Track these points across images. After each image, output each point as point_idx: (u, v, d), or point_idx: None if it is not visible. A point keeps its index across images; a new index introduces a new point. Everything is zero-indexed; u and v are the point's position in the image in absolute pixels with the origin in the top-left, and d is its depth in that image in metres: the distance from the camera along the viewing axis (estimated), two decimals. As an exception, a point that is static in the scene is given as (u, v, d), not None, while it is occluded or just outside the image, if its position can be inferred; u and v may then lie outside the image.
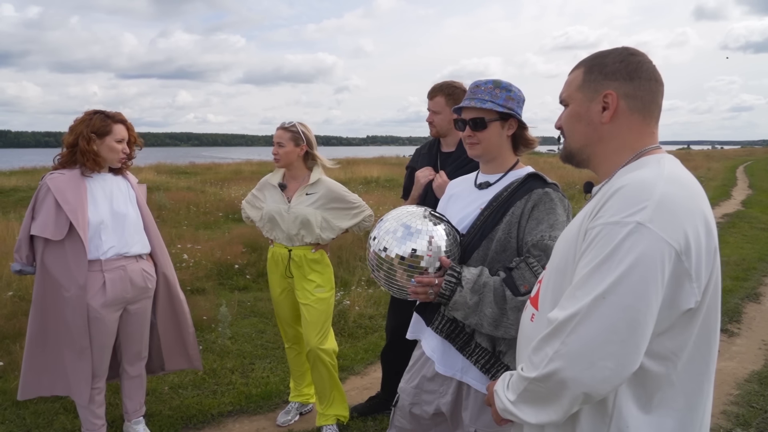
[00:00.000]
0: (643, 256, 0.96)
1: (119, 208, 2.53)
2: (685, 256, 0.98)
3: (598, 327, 0.97)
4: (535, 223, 1.68)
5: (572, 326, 0.99)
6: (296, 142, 2.72)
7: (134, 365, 2.74)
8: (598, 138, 1.20)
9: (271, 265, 2.90)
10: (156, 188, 12.34)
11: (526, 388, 1.08)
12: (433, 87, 2.58)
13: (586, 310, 0.98)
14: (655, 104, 1.18)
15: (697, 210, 1.02)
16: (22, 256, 2.42)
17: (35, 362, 2.53)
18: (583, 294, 1.00)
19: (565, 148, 1.29)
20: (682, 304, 1.00)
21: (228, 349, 4.00)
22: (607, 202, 1.04)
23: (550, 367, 1.01)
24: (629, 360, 0.97)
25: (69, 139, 2.48)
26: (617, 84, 1.16)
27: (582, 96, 1.21)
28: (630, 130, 1.17)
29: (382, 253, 1.70)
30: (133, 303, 2.60)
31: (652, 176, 1.05)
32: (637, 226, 0.97)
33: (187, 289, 5.18)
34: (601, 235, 1.01)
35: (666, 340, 1.03)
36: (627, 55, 1.18)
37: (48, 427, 2.91)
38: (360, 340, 4.29)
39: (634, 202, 1.00)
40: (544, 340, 1.05)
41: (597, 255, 1.00)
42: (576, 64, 1.26)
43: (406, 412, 1.97)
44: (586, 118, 1.20)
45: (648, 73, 1.17)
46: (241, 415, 3.18)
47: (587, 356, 0.97)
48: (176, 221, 8.88)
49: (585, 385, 0.98)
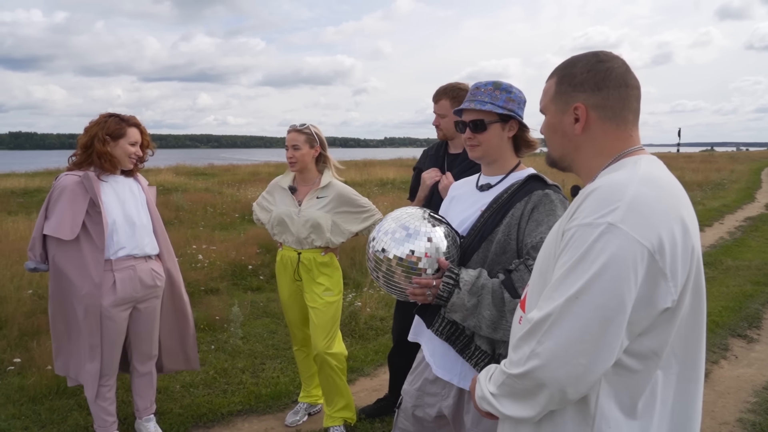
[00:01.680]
0: (615, 257, 0.97)
1: (130, 209, 2.59)
2: (659, 255, 0.98)
3: (571, 326, 0.99)
4: (534, 225, 1.67)
5: (547, 326, 1.02)
6: (311, 143, 2.73)
7: (144, 364, 2.79)
8: (574, 148, 1.22)
9: (280, 268, 2.92)
10: (174, 189, 12.54)
11: (505, 382, 1.11)
12: (437, 90, 2.58)
13: (560, 310, 1.00)
14: (629, 110, 1.17)
15: (671, 210, 1.03)
16: (36, 254, 2.49)
17: (62, 347, 2.63)
18: (558, 294, 1.02)
19: (549, 156, 1.31)
20: (659, 303, 1.00)
21: (239, 349, 4.05)
22: (582, 203, 1.06)
23: (527, 365, 1.04)
24: (603, 358, 0.99)
25: (83, 140, 2.54)
26: (586, 95, 1.17)
27: (555, 108, 1.23)
28: (605, 138, 1.17)
29: (380, 254, 1.71)
30: (142, 302, 2.65)
31: (625, 177, 1.06)
32: (609, 226, 0.98)
33: (201, 289, 5.28)
34: (576, 236, 1.02)
35: (646, 340, 1.03)
36: (595, 63, 1.17)
37: (62, 423, 2.97)
38: (370, 341, 4.30)
39: (607, 203, 1.01)
40: (522, 339, 1.07)
41: (572, 256, 1.02)
42: (551, 72, 1.27)
43: (409, 414, 1.97)
44: (561, 130, 1.22)
45: (617, 80, 1.16)
46: (250, 414, 3.21)
47: (561, 355, 1.00)
48: (193, 222, 9.01)
49: (560, 382, 1.00)
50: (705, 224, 10.03)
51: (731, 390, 3.56)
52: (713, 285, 6.03)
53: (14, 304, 4.35)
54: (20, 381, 3.35)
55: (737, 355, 4.14)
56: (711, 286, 6.00)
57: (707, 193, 14.92)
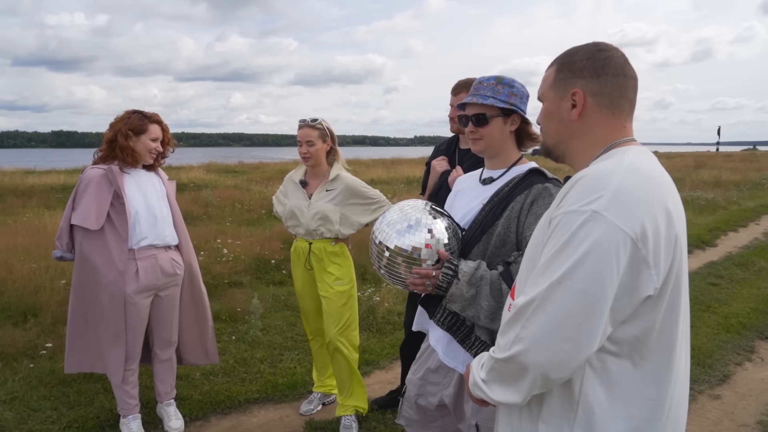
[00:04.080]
0: (598, 243, 0.99)
1: (152, 201, 2.70)
2: (642, 243, 1.00)
3: (554, 312, 1.01)
4: (533, 218, 1.69)
5: (531, 311, 1.04)
6: (323, 138, 2.79)
7: (165, 350, 2.91)
8: (569, 135, 1.24)
9: (294, 258, 3.00)
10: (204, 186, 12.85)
11: (493, 367, 1.14)
12: (457, 83, 2.62)
13: (543, 295, 1.02)
14: (625, 99, 1.19)
15: (655, 199, 1.04)
16: (63, 243, 2.62)
17: (77, 341, 2.74)
18: (542, 280, 1.04)
19: (543, 144, 1.33)
20: (641, 291, 1.02)
21: (259, 340, 4.15)
22: (569, 192, 1.07)
23: (512, 350, 1.06)
24: (585, 344, 1.00)
25: (108, 135, 2.67)
26: (584, 82, 1.19)
27: (553, 94, 1.25)
28: (599, 126, 1.20)
29: (383, 244, 1.75)
30: (163, 289, 2.77)
31: (611, 166, 1.07)
32: (593, 214, 1.00)
33: (225, 282, 5.42)
34: (561, 223, 1.04)
35: (630, 327, 1.05)
36: (595, 51, 1.20)
37: (89, 405, 3.12)
38: (387, 335, 4.35)
39: (591, 192, 1.03)
40: (508, 324, 1.09)
41: (556, 243, 1.04)
42: (551, 62, 1.29)
43: (413, 402, 2.01)
44: (558, 116, 1.24)
45: (615, 69, 1.19)
46: (266, 402, 3.31)
47: (544, 340, 1.01)
48: (221, 218, 9.22)
49: (543, 367, 1.02)
50: (739, 224, 9.72)
51: (754, 392, 3.48)
52: (743, 286, 5.87)
53: (48, 293, 4.57)
54: (51, 365, 3.52)
55: (763, 357, 4.04)
56: (741, 287, 5.84)
57: (744, 192, 14.43)
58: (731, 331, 4.50)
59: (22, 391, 3.26)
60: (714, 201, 12.00)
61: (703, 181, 16.11)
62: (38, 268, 5.21)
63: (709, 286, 5.83)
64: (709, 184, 15.58)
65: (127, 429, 2.81)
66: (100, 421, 2.96)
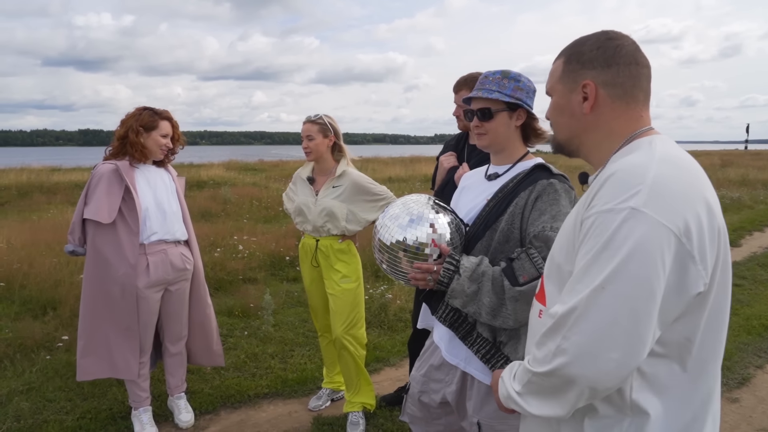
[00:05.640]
0: (641, 243, 0.92)
1: (161, 197, 2.74)
2: (686, 238, 0.94)
3: (599, 319, 0.94)
4: (537, 214, 1.66)
5: (573, 320, 0.97)
6: (324, 133, 2.80)
7: (175, 344, 2.95)
8: (582, 129, 1.18)
9: (302, 255, 3.01)
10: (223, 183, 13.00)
11: (530, 380, 1.07)
12: (458, 81, 2.59)
13: (585, 303, 0.95)
14: (638, 88, 1.13)
15: (694, 190, 0.98)
16: (75, 238, 2.67)
17: (89, 344, 2.75)
18: (582, 286, 0.97)
19: (554, 139, 1.27)
20: (691, 288, 0.96)
21: (271, 336, 4.18)
22: (600, 190, 1.01)
23: (554, 363, 0.99)
24: (635, 351, 0.94)
25: (120, 132, 2.71)
26: (595, 73, 1.13)
27: (562, 87, 1.19)
28: (615, 118, 1.14)
29: (384, 238, 1.74)
30: (173, 284, 2.81)
31: (643, 159, 1.01)
32: (632, 211, 0.94)
33: (239, 278, 5.47)
34: (596, 224, 0.98)
35: (679, 327, 0.99)
36: (604, 40, 1.14)
37: (102, 397, 3.18)
38: (399, 333, 4.34)
39: (627, 187, 0.96)
40: (546, 335, 1.03)
41: (593, 245, 0.97)
42: (558, 54, 1.23)
43: (416, 399, 2.00)
44: (568, 110, 1.19)
45: (627, 58, 1.13)
46: (276, 397, 3.33)
47: (590, 350, 0.95)
48: (239, 215, 9.33)
49: (590, 379, 0.96)
50: (765, 224, 9.46)
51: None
52: (767, 287, 5.71)
53: (67, 287, 4.67)
54: (68, 357, 3.60)
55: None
56: (765, 288, 5.69)
57: (772, 192, 14.04)
58: (752, 333, 4.38)
59: (38, 382, 3.34)
60: (740, 200, 11.70)
61: (729, 179, 15.73)
62: (59, 263, 5.34)
63: (732, 287, 5.67)
64: (736, 182, 15.20)
65: (138, 421, 2.85)
66: (113, 413, 3.02)
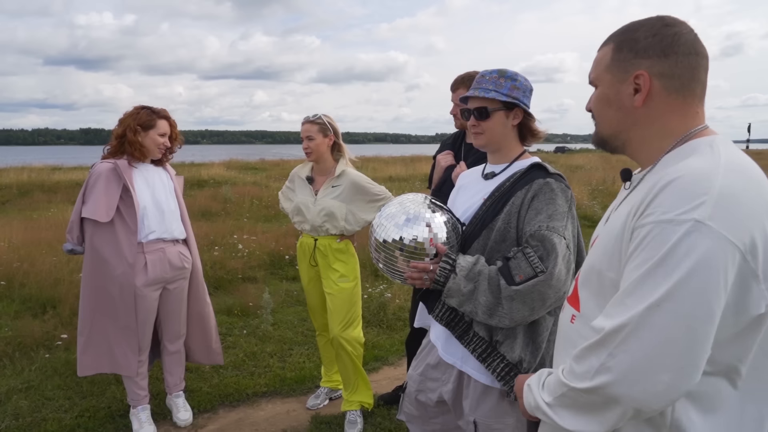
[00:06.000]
0: (705, 259, 0.85)
1: (159, 196, 2.74)
2: (751, 255, 0.88)
3: (652, 338, 0.88)
4: (534, 214, 1.66)
5: (622, 337, 0.91)
6: (324, 133, 2.80)
7: (174, 342, 2.95)
8: (632, 123, 1.08)
9: (300, 254, 3.01)
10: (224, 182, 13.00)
11: (565, 394, 1.01)
12: (455, 80, 2.60)
13: (638, 320, 0.89)
14: (697, 81, 1.04)
15: (762, 203, 0.91)
16: (73, 236, 2.67)
17: (89, 341, 2.76)
18: (634, 302, 0.90)
19: (597, 134, 1.17)
20: (751, 309, 0.90)
21: (270, 335, 4.19)
22: (658, 196, 0.93)
23: (597, 380, 0.93)
24: (687, 373, 0.88)
25: (118, 130, 2.71)
26: (650, 62, 1.03)
27: (611, 77, 1.09)
28: (670, 113, 1.04)
29: (381, 237, 1.75)
30: (171, 282, 2.81)
31: (708, 165, 0.93)
32: (696, 224, 0.86)
33: (238, 277, 5.47)
34: (653, 235, 0.90)
35: (732, 347, 0.93)
36: (661, 27, 1.04)
37: (101, 396, 3.19)
38: (397, 332, 4.34)
39: (691, 197, 0.89)
40: (590, 349, 0.96)
41: (649, 258, 0.90)
42: (605, 39, 1.12)
43: (413, 398, 2.00)
44: (617, 102, 1.09)
45: (687, 47, 1.03)
46: (274, 396, 3.33)
47: (639, 370, 0.89)
48: (239, 214, 9.33)
49: (636, 400, 0.90)
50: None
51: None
52: None
53: (67, 285, 4.68)
54: (67, 356, 3.60)
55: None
56: None
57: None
58: None
59: (37, 380, 3.35)
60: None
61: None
62: (59, 262, 5.35)
63: None
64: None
65: (136, 419, 2.85)
66: (111, 411, 3.02)
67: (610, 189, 12.82)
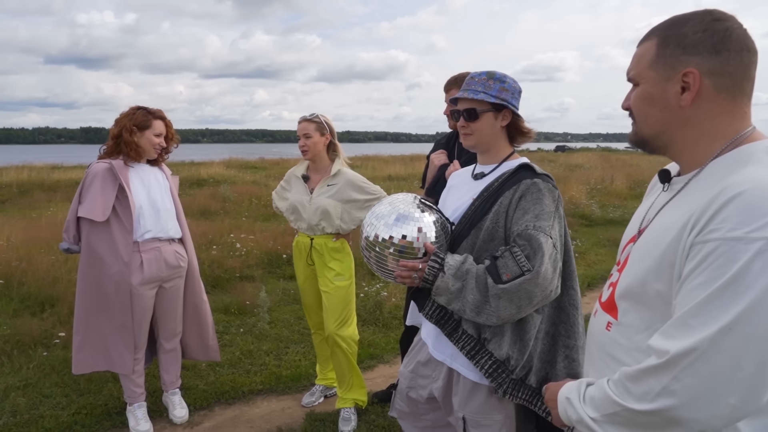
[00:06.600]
0: None
1: (155, 195, 2.77)
2: None
3: (722, 362, 0.85)
4: (521, 213, 1.69)
5: (689, 361, 0.87)
6: (321, 131, 2.84)
7: (170, 340, 2.98)
8: (677, 124, 1.02)
9: (295, 253, 3.04)
10: (223, 182, 13.02)
11: (618, 413, 0.97)
12: (448, 81, 2.62)
13: (709, 344, 0.85)
14: (747, 79, 0.99)
15: None
16: (70, 236, 2.70)
17: (85, 339, 2.78)
18: (702, 324, 0.86)
19: (636, 134, 1.11)
20: None
21: (266, 333, 4.21)
22: (722, 211, 0.88)
23: (659, 403, 0.90)
24: (754, 395, 0.86)
25: (114, 131, 2.73)
26: (700, 59, 0.97)
27: (655, 75, 1.03)
28: (719, 113, 0.99)
29: (371, 236, 1.77)
30: (167, 281, 2.84)
31: None
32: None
33: (236, 275, 5.50)
34: (719, 252, 0.86)
35: None
36: (711, 21, 0.98)
37: (98, 393, 3.22)
38: (393, 330, 4.37)
39: (761, 214, 0.84)
40: (650, 372, 0.92)
41: (716, 277, 0.86)
42: (646, 33, 1.07)
43: (404, 395, 2.03)
44: (662, 102, 1.03)
45: (738, 43, 0.97)
46: (270, 394, 3.36)
47: (705, 394, 0.86)
48: (237, 213, 9.35)
49: (701, 423, 0.88)
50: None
51: None
52: None
53: (65, 284, 4.71)
54: (64, 354, 3.63)
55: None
56: None
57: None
58: None
59: (35, 378, 3.37)
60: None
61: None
62: (57, 261, 5.37)
63: None
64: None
65: (132, 416, 2.88)
66: (108, 409, 3.05)
67: (608, 188, 12.84)
